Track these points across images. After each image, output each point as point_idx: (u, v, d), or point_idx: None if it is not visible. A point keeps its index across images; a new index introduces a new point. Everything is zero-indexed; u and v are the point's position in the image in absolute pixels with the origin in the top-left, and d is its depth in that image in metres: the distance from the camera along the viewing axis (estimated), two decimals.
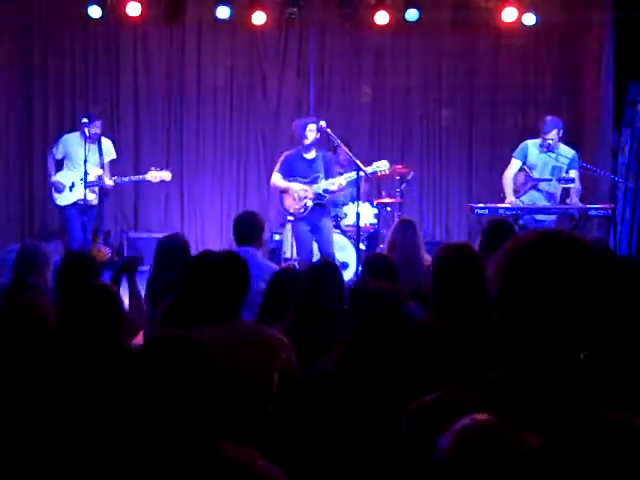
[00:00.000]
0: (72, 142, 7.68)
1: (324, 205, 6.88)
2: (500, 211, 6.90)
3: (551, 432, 1.22)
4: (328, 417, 2.58)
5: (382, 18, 8.92)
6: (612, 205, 7.22)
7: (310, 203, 6.82)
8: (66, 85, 9.34)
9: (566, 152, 7.09)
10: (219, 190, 9.62)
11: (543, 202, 7.10)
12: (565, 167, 7.06)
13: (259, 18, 8.90)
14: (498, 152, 9.05)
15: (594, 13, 8.98)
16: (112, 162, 7.84)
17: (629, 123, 9.08)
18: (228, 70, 9.54)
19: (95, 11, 8.70)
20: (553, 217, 7.04)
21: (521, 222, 6.98)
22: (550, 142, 6.99)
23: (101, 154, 7.62)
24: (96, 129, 7.59)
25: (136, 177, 7.84)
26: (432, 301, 3.05)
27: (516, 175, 7.19)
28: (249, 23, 8.97)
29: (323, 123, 6.63)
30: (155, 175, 7.62)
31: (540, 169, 7.11)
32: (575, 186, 7.04)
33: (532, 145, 7.16)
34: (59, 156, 7.74)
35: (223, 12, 8.88)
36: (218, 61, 9.51)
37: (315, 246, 6.99)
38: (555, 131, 7.00)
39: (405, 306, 2.81)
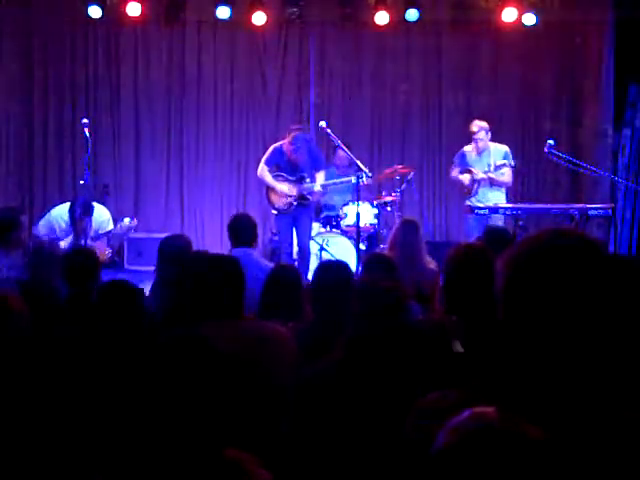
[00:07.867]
0: (59, 220, 6.44)
1: (307, 205, 7.07)
2: (500, 211, 6.89)
3: (553, 425, 1.21)
4: (327, 416, 2.58)
5: (382, 18, 8.91)
6: (612, 205, 7.21)
7: (294, 202, 6.96)
8: (66, 85, 9.35)
9: (499, 149, 7.39)
10: (219, 190, 9.61)
11: (497, 198, 7.29)
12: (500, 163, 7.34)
13: (259, 18, 8.89)
14: None
15: (594, 13, 8.98)
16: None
17: (629, 123, 9.08)
18: (228, 70, 9.54)
19: (95, 11, 8.70)
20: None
21: (521, 223, 6.97)
22: (480, 143, 7.32)
23: (89, 227, 6.38)
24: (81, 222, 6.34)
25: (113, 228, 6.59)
26: (444, 300, 3.05)
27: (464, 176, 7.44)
28: (249, 23, 8.96)
29: (323, 123, 6.63)
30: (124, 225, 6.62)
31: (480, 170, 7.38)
32: (505, 179, 7.30)
33: (468, 151, 7.49)
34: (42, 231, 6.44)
35: (223, 12, 8.88)
36: (218, 61, 9.51)
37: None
38: (483, 132, 7.35)
39: (407, 304, 2.82)
